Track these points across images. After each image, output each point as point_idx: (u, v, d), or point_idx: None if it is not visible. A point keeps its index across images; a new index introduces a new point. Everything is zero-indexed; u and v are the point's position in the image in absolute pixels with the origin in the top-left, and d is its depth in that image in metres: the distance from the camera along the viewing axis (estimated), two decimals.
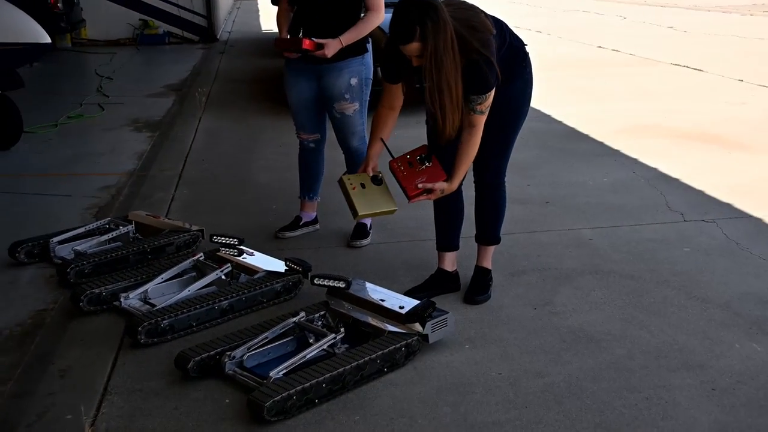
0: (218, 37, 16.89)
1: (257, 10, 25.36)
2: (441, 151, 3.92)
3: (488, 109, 3.76)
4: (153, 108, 9.39)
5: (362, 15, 4.71)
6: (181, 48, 15.40)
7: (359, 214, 3.91)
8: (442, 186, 3.87)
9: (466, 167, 3.90)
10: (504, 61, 3.77)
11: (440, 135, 3.75)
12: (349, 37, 4.63)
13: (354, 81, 4.76)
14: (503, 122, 4.00)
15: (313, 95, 4.88)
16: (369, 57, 4.85)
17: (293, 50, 4.67)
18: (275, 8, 5.04)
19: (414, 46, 3.55)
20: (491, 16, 3.81)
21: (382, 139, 4.00)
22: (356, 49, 4.73)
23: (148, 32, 15.79)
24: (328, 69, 4.73)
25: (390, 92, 3.97)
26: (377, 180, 4.01)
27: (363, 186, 3.98)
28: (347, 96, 4.77)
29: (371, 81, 4.86)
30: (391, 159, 3.94)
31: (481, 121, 3.78)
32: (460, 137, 3.81)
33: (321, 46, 4.57)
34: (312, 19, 4.69)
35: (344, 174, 4.06)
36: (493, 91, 3.72)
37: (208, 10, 16.43)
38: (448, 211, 4.31)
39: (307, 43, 4.54)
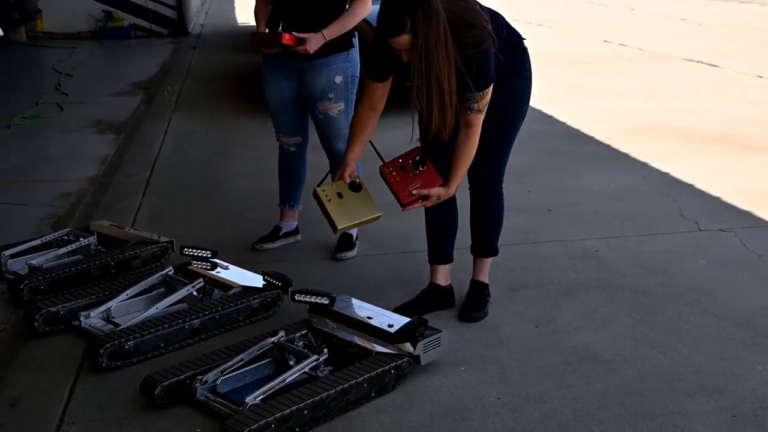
0: (190, 30, 16.88)
1: (232, 1, 25.38)
2: (436, 154, 3.91)
3: (486, 107, 3.77)
4: (117, 108, 9.37)
5: (347, 6, 4.71)
6: (149, 42, 15.38)
7: (338, 227, 3.91)
8: (438, 192, 3.87)
9: (464, 170, 3.90)
10: (500, 59, 3.77)
11: (426, 134, 3.76)
12: (332, 31, 4.62)
13: (339, 79, 4.76)
14: (500, 123, 4.00)
15: (293, 95, 4.87)
16: (355, 53, 4.84)
17: (272, 46, 4.65)
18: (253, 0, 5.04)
19: (404, 39, 3.55)
20: (487, 8, 3.81)
21: (371, 142, 3.99)
22: (341, 44, 4.72)
23: (112, 25, 15.76)
24: (311, 66, 4.72)
25: (373, 91, 3.96)
26: (356, 186, 3.99)
27: (340, 196, 3.96)
28: (331, 95, 4.76)
29: (357, 79, 4.85)
30: (382, 164, 3.93)
31: (479, 120, 3.78)
32: (457, 138, 3.81)
33: (302, 41, 4.56)
34: (292, 11, 4.68)
35: (318, 186, 4.04)
36: (491, 88, 3.72)
37: (178, 1, 16.41)
38: (440, 220, 4.30)
39: (287, 38, 4.53)
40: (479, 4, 3.77)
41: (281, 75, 4.84)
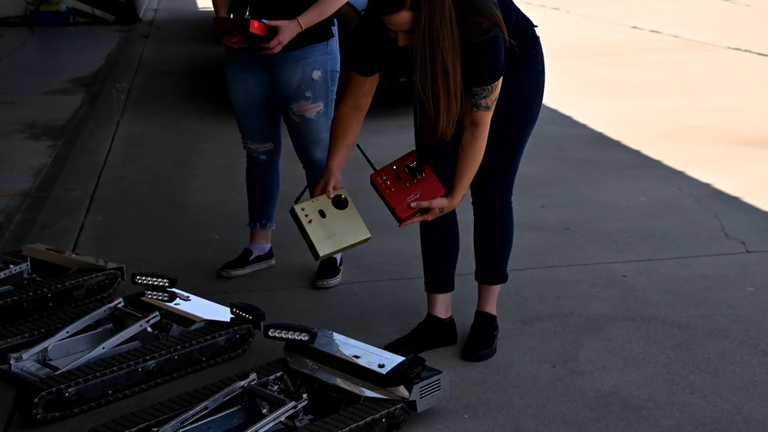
0: (141, 16, 16.94)
1: None
2: (435, 158, 3.93)
3: (495, 103, 3.80)
4: (55, 109, 9.39)
5: None
6: (92, 30, 15.42)
7: (320, 254, 3.90)
8: (441, 203, 3.89)
9: (470, 177, 3.91)
10: (510, 48, 3.81)
11: (431, 134, 3.77)
12: (310, 18, 4.63)
13: (317, 74, 4.78)
14: (509, 125, 4.03)
15: (262, 93, 4.88)
16: (335, 43, 4.86)
17: (237, 34, 4.64)
18: None
19: (403, 17, 3.56)
20: None
21: (358, 146, 4.01)
22: (319, 34, 4.74)
23: (46, 9, 15.79)
24: (283, 59, 4.74)
25: (359, 87, 3.97)
26: (340, 202, 3.97)
27: (322, 214, 3.94)
28: (308, 94, 4.79)
29: (338, 74, 4.88)
30: (373, 172, 3.94)
31: (487, 118, 3.81)
32: (461, 140, 3.84)
33: (274, 31, 4.54)
34: None
35: (295, 203, 4.00)
36: (501, 80, 3.76)
37: None
38: (438, 241, 4.33)
39: (255, 26, 4.48)
40: None
41: (247, 70, 4.84)
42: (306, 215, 3.91)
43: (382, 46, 3.75)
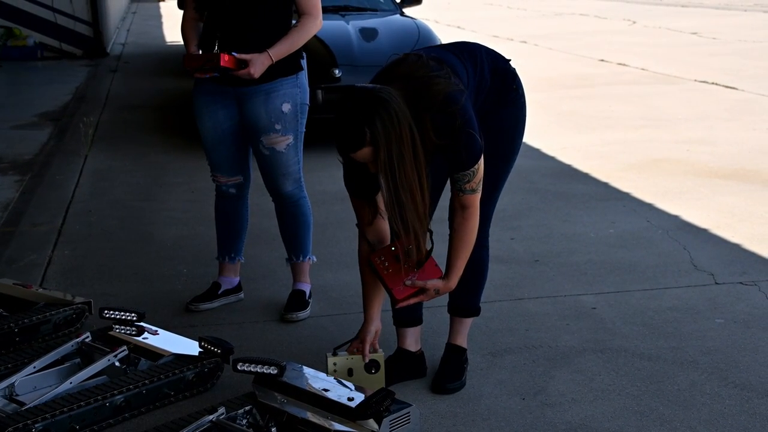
0: (108, 50, 16.93)
1: (159, 16, 25.47)
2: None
3: (480, 184, 3.84)
4: (22, 143, 9.37)
5: (294, 22, 4.76)
6: (59, 65, 15.40)
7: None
8: (436, 285, 3.93)
9: (465, 258, 3.96)
10: (491, 91, 3.91)
11: (408, 259, 3.84)
12: (280, 51, 4.66)
13: (286, 107, 4.80)
14: (494, 161, 4.05)
15: (232, 126, 4.90)
16: (304, 77, 4.88)
17: (208, 69, 4.66)
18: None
19: (365, 153, 3.59)
20: (462, 47, 3.94)
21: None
22: (288, 67, 4.77)
23: (14, 44, 15.77)
24: (253, 92, 4.76)
25: (367, 213, 4.00)
26: (372, 367, 4.10)
27: (350, 372, 4.08)
28: (278, 126, 4.80)
29: (308, 107, 4.90)
30: (372, 252, 3.98)
31: (475, 200, 3.86)
32: (453, 223, 3.90)
33: (244, 64, 4.58)
34: (228, 26, 4.71)
35: (335, 351, 4.14)
36: (482, 161, 3.80)
37: (94, 16, 16.45)
38: None
39: (225, 60, 4.52)
40: (453, 51, 3.93)
41: (217, 103, 4.86)
42: (335, 370, 4.08)
43: (367, 170, 3.77)
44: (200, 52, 4.79)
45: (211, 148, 4.99)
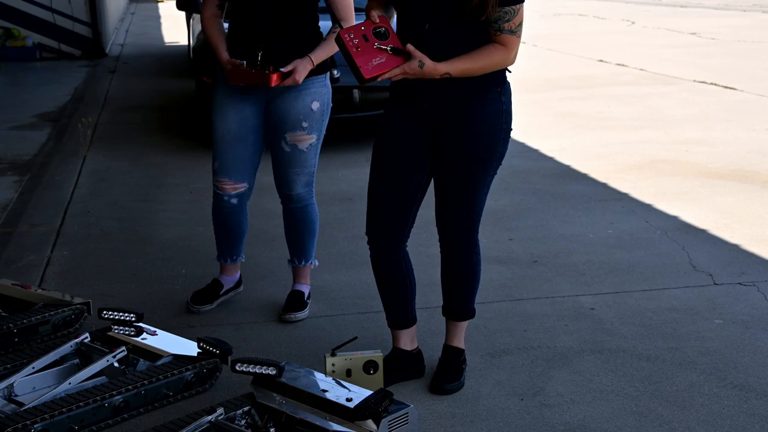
0: (107, 51, 16.92)
1: (158, 17, 25.45)
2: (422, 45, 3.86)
3: (520, 28, 3.84)
4: (20, 144, 9.36)
5: (332, 28, 4.73)
6: (58, 65, 15.38)
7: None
8: (412, 66, 3.81)
9: (467, 67, 3.85)
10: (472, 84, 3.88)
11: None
12: (320, 55, 4.70)
13: (315, 105, 4.80)
14: (471, 165, 4.03)
15: (256, 124, 4.86)
16: (328, 77, 4.92)
17: (256, 86, 4.66)
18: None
19: None
20: None
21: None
22: (320, 66, 4.78)
23: (12, 44, 15.76)
24: (285, 89, 4.74)
25: None
26: (369, 367, 4.12)
27: (348, 373, 4.11)
28: (305, 125, 4.79)
29: (331, 108, 4.93)
30: (340, 29, 3.94)
31: (512, 42, 3.84)
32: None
33: (289, 74, 4.60)
34: (257, 27, 4.67)
35: (334, 351, 4.17)
36: (523, 7, 3.82)
37: (92, 17, 16.42)
38: (390, 283, 4.33)
39: (275, 79, 4.54)
40: None
41: (247, 101, 4.82)
42: (333, 370, 4.11)
43: None
44: (243, 63, 4.65)
45: (229, 147, 4.88)
